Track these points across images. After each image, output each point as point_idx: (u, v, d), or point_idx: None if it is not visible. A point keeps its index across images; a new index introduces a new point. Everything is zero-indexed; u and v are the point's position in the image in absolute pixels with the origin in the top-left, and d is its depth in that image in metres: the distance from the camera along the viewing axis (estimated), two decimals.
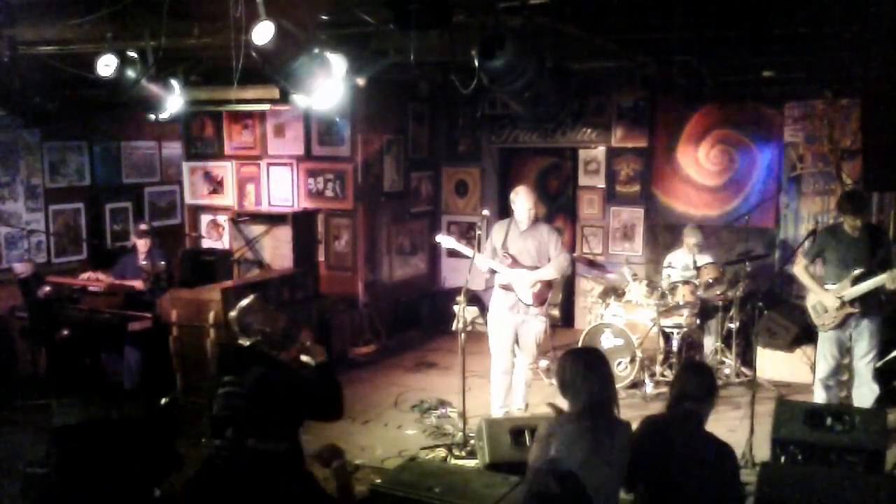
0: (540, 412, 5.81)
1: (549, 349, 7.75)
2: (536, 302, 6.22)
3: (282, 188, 9.41)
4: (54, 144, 8.48)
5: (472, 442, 5.79)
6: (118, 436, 4.58)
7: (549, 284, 6.30)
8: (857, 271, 5.91)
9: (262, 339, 4.33)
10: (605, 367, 3.72)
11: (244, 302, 4.44)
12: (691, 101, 8.85)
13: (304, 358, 4.29)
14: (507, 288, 6.28)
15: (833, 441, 5.06)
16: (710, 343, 7.86)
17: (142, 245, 7.49)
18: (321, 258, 9.12)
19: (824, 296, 6.02)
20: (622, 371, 7.34)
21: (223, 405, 4.17)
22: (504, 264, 6.25)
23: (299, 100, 5.41)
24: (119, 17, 4.69)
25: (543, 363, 7.67)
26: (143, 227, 7.63)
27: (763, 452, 5.44)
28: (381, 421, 6.80)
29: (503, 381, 6.37)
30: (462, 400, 6.00)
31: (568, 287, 9.56)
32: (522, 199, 6.25)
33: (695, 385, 3.71)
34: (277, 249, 8.53)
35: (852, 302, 5.92)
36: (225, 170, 9.74)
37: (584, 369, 3.64)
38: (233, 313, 4.41)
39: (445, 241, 6.78)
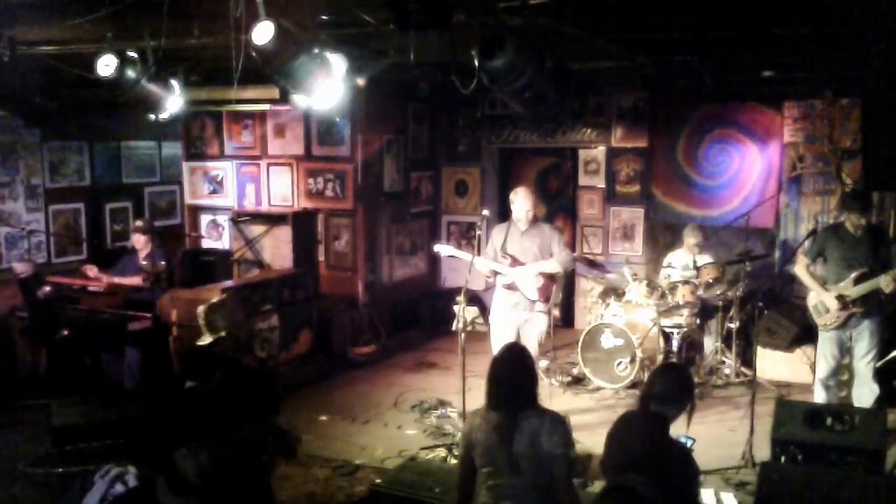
0: None
1: (550, 349, 7.74)
2: (541, 297, 6.21)
3: (282, 188, 9.41)
4: (54, 144, 8.48)
5: None
6: None
7: (552, 279, 6.30)
8: (859, 271, 5.90)
9: (226, 337, 4.36)
10: (520, 362, 3.71)
11: (214, 299, 4.47)
12: (691, 101, 8.86)
13: None
14: (511, 287, 6.27)
15: (833, 441, 5.07)
16: (710, 343, 7.86)
17: (139, 242, 7.45)
18: (321, 258, 9.12)
19: (826, 296, 6.01)
20: (622, 371, 7.34)
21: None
22: (504, 264, 6.25)
23: (299, 100, 5.41)
24: (119, 17, 4.69)
25: (543, 363, 7.66)
26: (137, 223, 7.63)
27: (763, 452, 5.44)
28: (381, 421, 6.80)
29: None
30: (462, 400, 5.99)
31: (568, 287, 9.56)
32: (521, 200, 6.25)
33: (661, 387, 3.68)
34: (277, 249, 8.53)
35: (854, 301, 5.91)
36: (225, 170, 9.74)
37: (500, 365, 3.67)
38: (201, 308, 4.43)
39: (444, 249, 6.72)
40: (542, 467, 3.51)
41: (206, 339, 4.44)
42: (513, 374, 3.65)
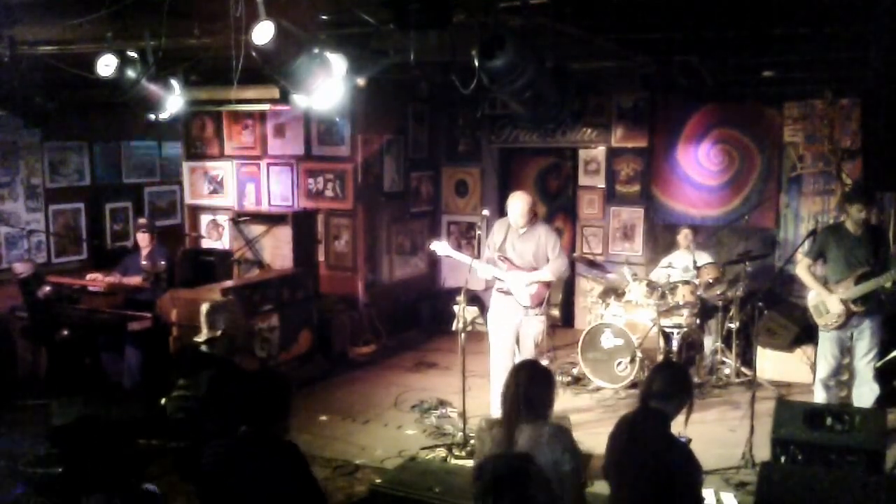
0: None
1: (549, 349, 7.74)
2: (534, 303, 6.22)
3: (282, 188, 9.41)
4: (54, 144, 8.49)
5: (472, 442, 5.79)
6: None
7: (546, 285, 6.29)
8: (860, 270, 5.90)
9: (222, 337, 4.51)
10: (523, 374, 3.75)
11: (219, 300, 4.61)
12: (691, 101, 8.86)
13: None
14: (504, 292, 6.28)
15: (833, 441, 5.07)
16: (710, 343, 7.85)
17: (143, 240, 7.50)
18: (321, 258, 9.12)
19: (828, 296, 6.01)
20: (622, 371, 7.34)
21: (176, 407, 4.34)
22: (502, 269, 6.24)
23: (299, 100, 5.41)
24: (119, 17, 4.69)
25: (543, 363, 7.66)
26: (140, 220, 7.71)
27: (763, 452, 5.44)
28: (381, 421, 6.80)
29: (503, 379, 6.36)
30: (462, 400, 6.00)
31: (568, 287, 9.56)
32: (515, 205, 6.22)
33: (660, 384, 3.69)
34: (277, 249, 8.53)
35: (855, 301, 5.91)
36: (225, 170, 9.74)
37: (512, 379, 3.70)
38: (205, 307, 4.65)
39: (441, 248, 6.67)
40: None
41: (202, 337, 4.58)
42: (516, 386, 3.67)
